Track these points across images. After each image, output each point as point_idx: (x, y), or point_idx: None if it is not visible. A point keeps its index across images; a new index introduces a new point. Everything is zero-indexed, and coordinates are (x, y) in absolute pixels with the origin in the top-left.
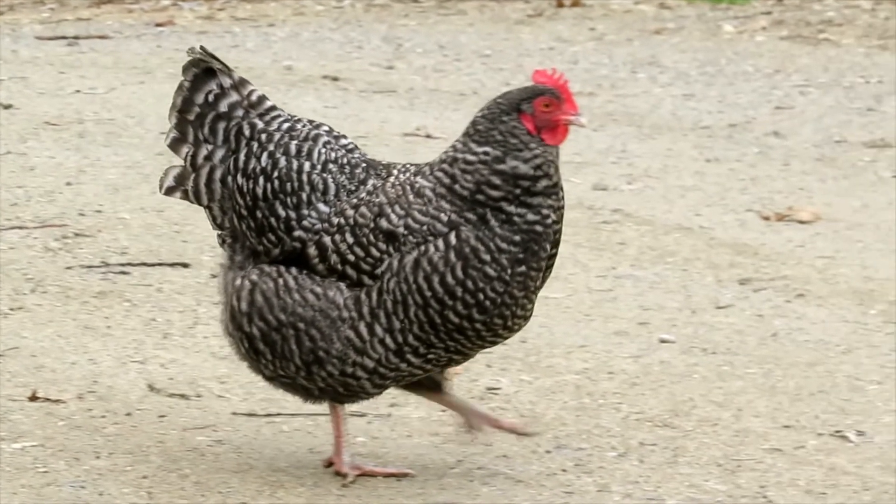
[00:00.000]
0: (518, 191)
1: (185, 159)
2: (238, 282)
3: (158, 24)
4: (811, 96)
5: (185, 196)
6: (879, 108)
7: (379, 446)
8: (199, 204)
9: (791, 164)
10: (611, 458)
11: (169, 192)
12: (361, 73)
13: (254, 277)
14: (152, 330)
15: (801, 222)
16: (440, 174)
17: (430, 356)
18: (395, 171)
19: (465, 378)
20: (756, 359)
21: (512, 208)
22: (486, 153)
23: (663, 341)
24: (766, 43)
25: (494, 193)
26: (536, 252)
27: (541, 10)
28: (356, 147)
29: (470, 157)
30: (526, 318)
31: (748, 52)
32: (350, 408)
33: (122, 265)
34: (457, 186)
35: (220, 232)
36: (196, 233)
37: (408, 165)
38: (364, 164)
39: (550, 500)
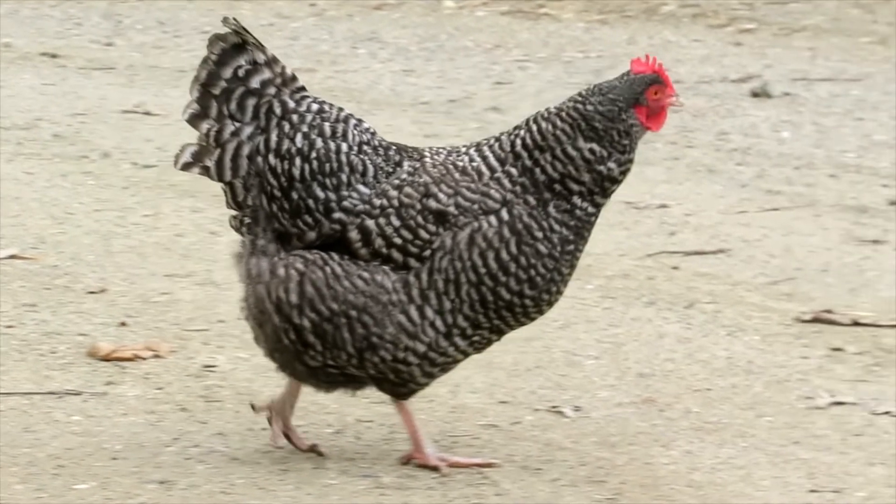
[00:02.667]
0: (597, 189)
1: (206, 135)
2: (282, 271)
3: None
4: (531, 71)
5: (205, 172)
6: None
7: (95, 425)
8: (220, 180)
9: None
10: (327, 434)
11: (185, 167)
12: (80, 50)
13: (300, 266)
14: None
15: None
16: (524, 154)
17: (475, 338)
18: (426, 153)
19: (182, 356)
20: None
21: (578, 201)
22: (592, 151)
23: None
24: (487, 18)
25: (576, 188)
26: (585, 237)
27: None
28: (376, 132)
29: (572, 152)
30: (561, 294)
31: (468, 27)
32: (66, 386)
33: None
34: (537, 170)
35: (236, 213)
36: None
37: (437, 148)
38: (394, 147)
39: (266, 478)
